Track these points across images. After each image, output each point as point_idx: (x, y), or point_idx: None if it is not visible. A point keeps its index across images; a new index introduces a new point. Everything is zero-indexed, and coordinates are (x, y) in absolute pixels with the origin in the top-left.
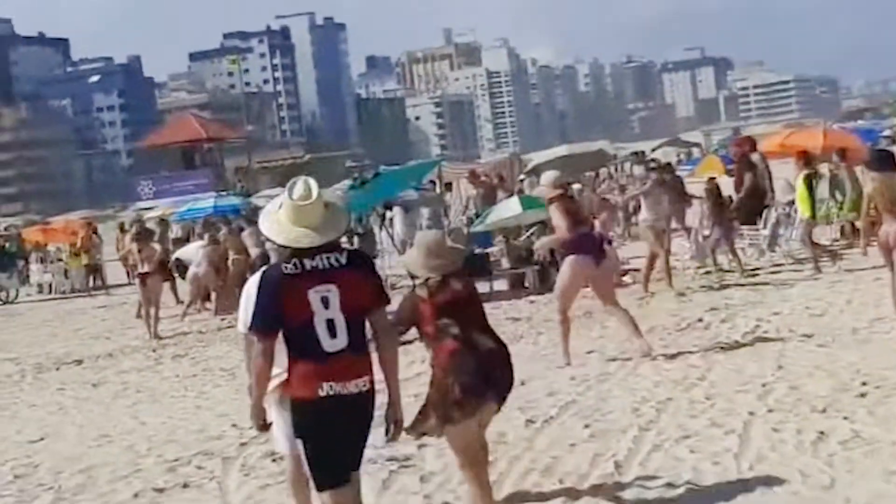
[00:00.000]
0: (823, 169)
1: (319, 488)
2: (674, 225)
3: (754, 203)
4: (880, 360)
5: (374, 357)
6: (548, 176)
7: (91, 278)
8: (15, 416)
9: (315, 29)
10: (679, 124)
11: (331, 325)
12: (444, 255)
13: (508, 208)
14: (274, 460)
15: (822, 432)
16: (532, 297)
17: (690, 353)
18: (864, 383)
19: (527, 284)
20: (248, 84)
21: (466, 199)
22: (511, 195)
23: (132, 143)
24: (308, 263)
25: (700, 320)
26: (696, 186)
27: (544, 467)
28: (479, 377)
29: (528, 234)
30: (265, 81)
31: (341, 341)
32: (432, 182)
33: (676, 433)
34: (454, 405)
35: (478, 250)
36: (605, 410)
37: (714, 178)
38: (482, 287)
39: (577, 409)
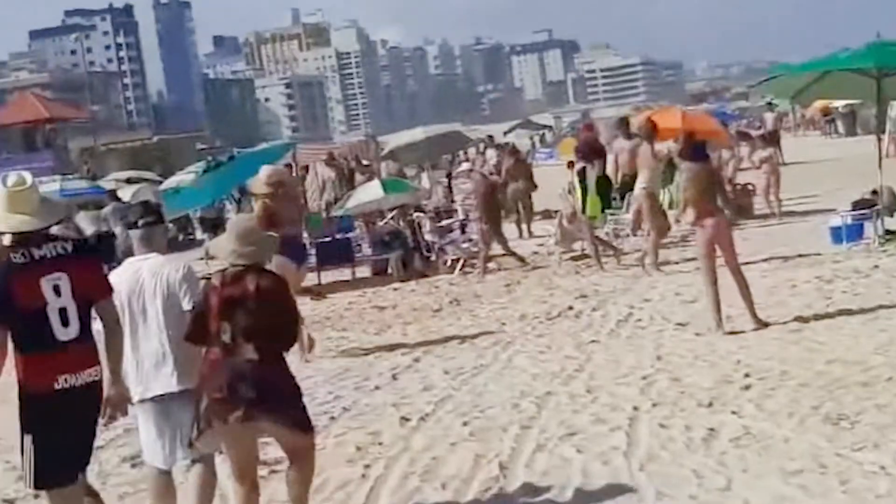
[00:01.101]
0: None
1: (42, 487)
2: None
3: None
4: (759, 350)
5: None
6: (263, 171)
7: None
8: None
9: (160, 7)
10: (528, 106)
11: (63, 313)
12: (255, 243)
13: (369, 192)
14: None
15: (711, 429)
16: (396, 285)
17: (565, 343)
18: (746, 375)
19: (390, 271)
20: (91, 63)
21: (323, 183)
22: (371, 178)
23: None
24: (37, 252)
25: (570, 308)
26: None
27: (424, 470)
28: (229, 393)
29: (389, 217)
30: (109, 61)
31: (73, 330)
32: (288, 165)
33: (560, 431)
34: (206, 420)
35: (339, 235)
36: (483, 406)
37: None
38: (345, 274)
39: (454, 404)
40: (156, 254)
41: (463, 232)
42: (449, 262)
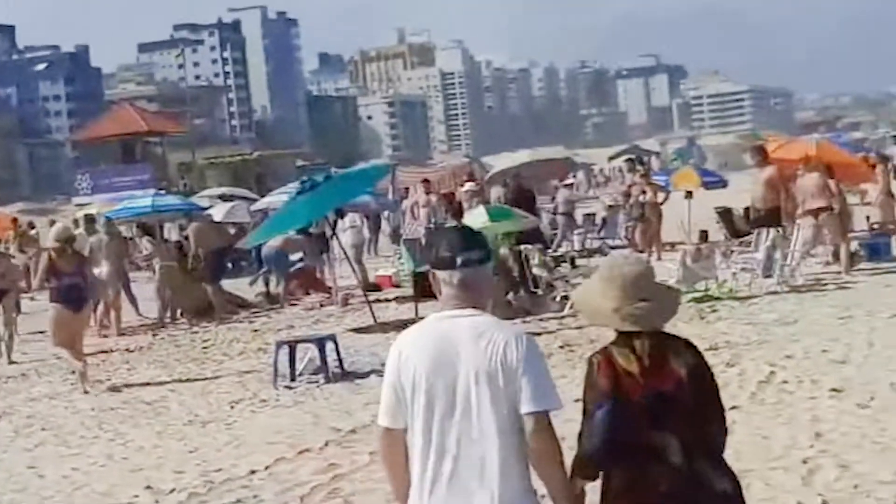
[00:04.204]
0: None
1: None
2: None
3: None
4: None
5: None
6: (54, 229)
7: None
8: None
9: (267, 23)
10: (632, 131)
11: None
12: (654, 296)
13: (474, 219)
14: None
15: None
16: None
17: None
18: None
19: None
20: (198, 77)
21: (430, 207)
22: (487, 203)
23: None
24: None
25: None
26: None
27: None
28: None
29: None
30: (216, 75)
31: None
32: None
33: None
34: None
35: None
36: None
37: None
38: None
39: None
40: (476, 310)
41: (573, 266)
42: (558, 299)
